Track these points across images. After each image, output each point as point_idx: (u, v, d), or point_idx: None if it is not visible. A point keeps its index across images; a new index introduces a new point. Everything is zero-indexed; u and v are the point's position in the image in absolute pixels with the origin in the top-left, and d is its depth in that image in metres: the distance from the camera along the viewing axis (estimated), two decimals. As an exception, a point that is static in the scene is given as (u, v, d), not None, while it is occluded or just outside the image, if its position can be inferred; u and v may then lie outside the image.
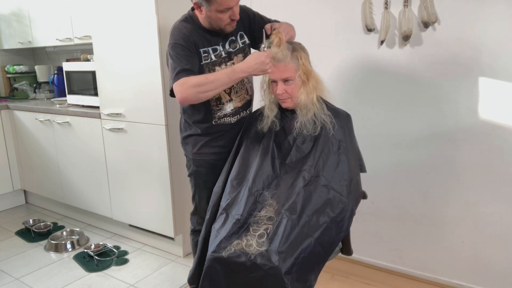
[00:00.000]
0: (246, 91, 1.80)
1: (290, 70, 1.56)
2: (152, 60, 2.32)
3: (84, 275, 2.45)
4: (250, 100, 1.85)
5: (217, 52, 1.69)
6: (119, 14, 2.43)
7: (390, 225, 2.29)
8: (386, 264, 2.36)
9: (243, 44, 1.77)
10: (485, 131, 1.94)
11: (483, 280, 2.08)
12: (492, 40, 1.85)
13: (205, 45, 1.67)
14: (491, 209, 1.99)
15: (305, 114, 1.59)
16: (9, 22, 3.57)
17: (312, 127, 1.59)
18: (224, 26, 1.63)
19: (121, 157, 2.68)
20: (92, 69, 2.79)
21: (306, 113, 1.59)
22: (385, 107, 2.19)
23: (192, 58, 1.62)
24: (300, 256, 1.36)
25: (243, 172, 1.63)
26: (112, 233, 3.02)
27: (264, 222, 1.45)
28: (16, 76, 3.85)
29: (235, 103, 1.76)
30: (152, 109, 2.41)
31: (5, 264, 2.61)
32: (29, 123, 3.29)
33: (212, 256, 1.40)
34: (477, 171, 1.99)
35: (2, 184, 3.45)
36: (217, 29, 1.65)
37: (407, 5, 1.99)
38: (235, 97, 1.75)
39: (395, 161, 2.21)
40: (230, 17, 1.60)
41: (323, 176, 1.51)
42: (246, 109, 1.82)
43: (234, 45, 1.74)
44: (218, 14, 1.58)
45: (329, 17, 2.24)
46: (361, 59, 2.20)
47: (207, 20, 1.63)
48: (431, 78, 2.03)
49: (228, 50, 1.72)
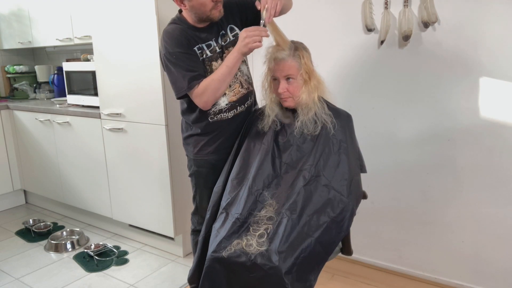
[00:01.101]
0: (241, 85, 1.78)
1: (292, 68, 1.56)
2: (152, 60, 2.32)
3: (84, 275, 2.45)
4: (247, 94, 1.81)
5: (212, 48, 1.69)
6: (119, 14, 2.44)
7: (390, 225, 2.29)
8: (386, 264, 2.36)
9: (234, 37, 1.75)
10: (485, 131, 1.94)
11: (483, 280, 2.08)
12: (492, 40, 1.85)
13: (198, 42, 1.67)
14: (491, 209, 1.99)
15: (306, 114, 1.59)
16: (9, 22, 3.57)
17: (313, 127, 1.59)
18: (210, 12, 1.62)
19: (121, 157, 2.68)
20: (92, 69, 2.79)
21: (307, 113, 1.59)
22: (385, 107, 2.19)
23: (194, 59, 1.64)
24: (300, 256, 1.36)
25: (244, 171, 1.63)
26: (112, 233, 3.02)
27: (264, 222, 1.45)
28: (16, 76, 3.85)
29: (230, 97, 1.75)
30: (152, 109, 2.41)
31: (5, 264, 2.61)
32: (29, 123, 3.29)
33: (212, 256, 1.40)
34: (477, 171, 1.99)
35: (2, 184, 3.45)
36: (204, 18, 1.64)
37: (407, 5, 1.99)
38: (229, 91, 1.74)
39: (395, 161, 2.21)
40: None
41: (324, 176, 1.51)
42: (242, 103, 1.79)
43: (225, 38, 1.74)
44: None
45: (329, 17, 2.24)
46: (361, 59, 2.20)
47: (193, 13, 1.63)
48: (431, 78, 2.03)
49: (221, 44, 1.72)
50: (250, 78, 1.84)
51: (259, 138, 1.69)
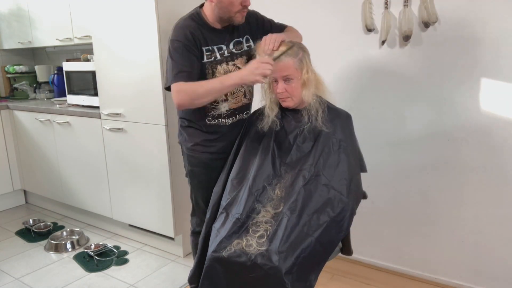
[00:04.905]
0: (244, 94, 1.79)
1: (291, 69, 1.56)
2: (152, 60, 2.32)
3: (84, 275, 2.45)
4: (248, 104, 1.83)
5: (222, 51, 1.69)
6: (119, 14, 2.43)
7: (390, 225, 2.29)
8: (386, 264, 2.36)
9: (248, 48, 1.76)
10: (485, 131, 1.94)
11: (483, 280, 2.08)
12: (492, 40, 1.85)
13: (210, 44, 1.66)
14: (491, 209, 1.99)
15: (306, 113, 1.61)
16: (9, 22, 3.57)
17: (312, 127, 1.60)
18: (235, 14, 1.61)
19: (121, 157, 2.68)
20: (92, 69, 2.79)
21: (307, 113, 1.60)
22: (386, 107, 2.19)
23: (192, 58, 1.61)
24: (301, 256, 1.36)
25: (244, 171, 1.63)
26: (112, 233, 3.02)
27: (265, 221, 1.45)
28: (16, 76, 3.85)
29: (231, 104, 1.75)
30: (152, 109, 2.41)
31: (5, 264, 2.61)
32: (29, 123, 3.29)
33: (213, 256, 1.40)
34: (477, 171, 1.99)
35: (2, 184, 3.45)
36: (226, 18, 1.63)
37: (407, 5, 1.99)
38: (231, 97, 1.74)
39: (395, 161, 2.21)
40: (241, 3, 1.59)
41: (324, 175, 1.51)
42: (242, 112, 1.81)
43: (240, 46, 1.73)
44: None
45: (329, 17, 2.24)
46: (362, 59, 2.20)
47: (218, 7, 1.60)
48: (432, 78, 2.03)
49: (232, 50, 1.71)
50: (253, 90, 1.85)
51: (259, 138, 1.69)
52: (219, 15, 1.63)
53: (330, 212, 1.45)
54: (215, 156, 1.79)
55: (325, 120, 1.60)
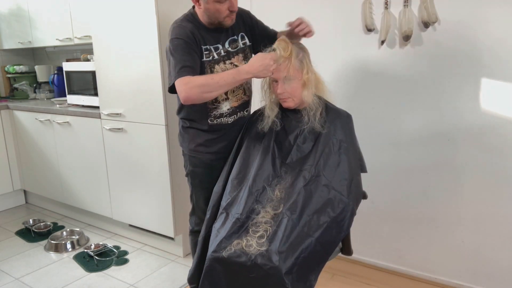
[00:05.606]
0: (244, 92, 1.79)
1: (291, 69, 1.56)
2: (152, 60, 2.32)
3: (84, 275, 2.45)
4: (248, 101, 1.84)
5: (218, 51, 1.69)
6: (119, 14, 2.43)
7: (390, 225, 2.29)
8: (386, 264, 2.36)
9: (243, 45, 1.76)
10: (485, 130, 1.94)
11: (483, 280, 2.08)
12: (492, 40, 1.85)
13: (207, 43, 1.66)
14: (491, 209, 1.99)
15: (306, 114, 1.60)
16: (9, 22, 3.57)
17: (313, 127, 1.60)
18: (224, 19, 1.62)
19: (121, 157, 2.68)
20: (92, 69, 2.79)
21: (307, 113, 1.60)
22: (385, 107, 2.19)
23: (194, 54, 1.61)
24: (301, 256, 1.36)
25: (244, 171, 1.63)
26: (112, 233, 3.02)
27: (264, 221, 1.45)
28: (16, 76, 3.85)
29: (232, 103, 1.75)
30: (152, 109, 2.41)
31: (5, 264, 2.61)
32: (29, 123, 3.29)
33: (212, 256, 1.40)
34: (477, 171, 1.99)
35: (2, 184, 3.45)
36: (216, 23, 1.64)
37: (407, 5, 1.99)
38: (232, 96, 1.75)
39: (395, 161, 2.21)
40: (228, 8, 1.59)
41: (324, 176, 1.51)
42: (243, 109, 1.81)
43: (235, 44, 1.74)
44: (216, 5, 1.57)
45: (329, 17, 2.24)
46: (362, 59, 2.20)
47: (206, 14, 1.62)
48: (431, 78, 2.03)
49: (227, 49, 1.71)
50: (251, 87, 1.86)
51: (259, 138, 1.69)
52: (208, 20, 1.65)
53: (330, 213, 1.45)
54: (216, 156, 1.79)
55: (324, 121, 1.60)
